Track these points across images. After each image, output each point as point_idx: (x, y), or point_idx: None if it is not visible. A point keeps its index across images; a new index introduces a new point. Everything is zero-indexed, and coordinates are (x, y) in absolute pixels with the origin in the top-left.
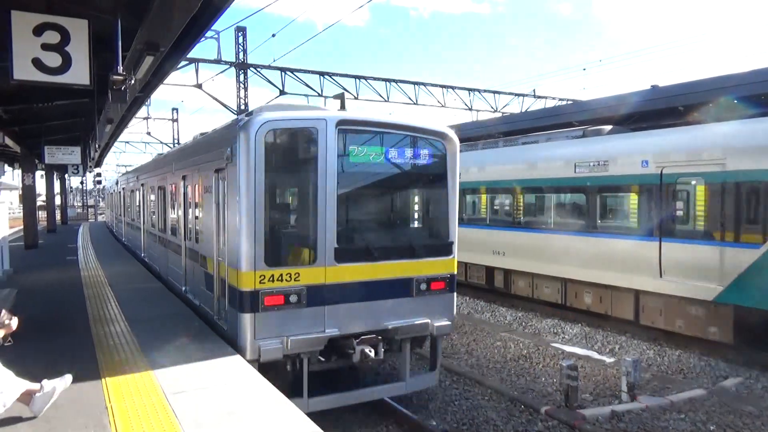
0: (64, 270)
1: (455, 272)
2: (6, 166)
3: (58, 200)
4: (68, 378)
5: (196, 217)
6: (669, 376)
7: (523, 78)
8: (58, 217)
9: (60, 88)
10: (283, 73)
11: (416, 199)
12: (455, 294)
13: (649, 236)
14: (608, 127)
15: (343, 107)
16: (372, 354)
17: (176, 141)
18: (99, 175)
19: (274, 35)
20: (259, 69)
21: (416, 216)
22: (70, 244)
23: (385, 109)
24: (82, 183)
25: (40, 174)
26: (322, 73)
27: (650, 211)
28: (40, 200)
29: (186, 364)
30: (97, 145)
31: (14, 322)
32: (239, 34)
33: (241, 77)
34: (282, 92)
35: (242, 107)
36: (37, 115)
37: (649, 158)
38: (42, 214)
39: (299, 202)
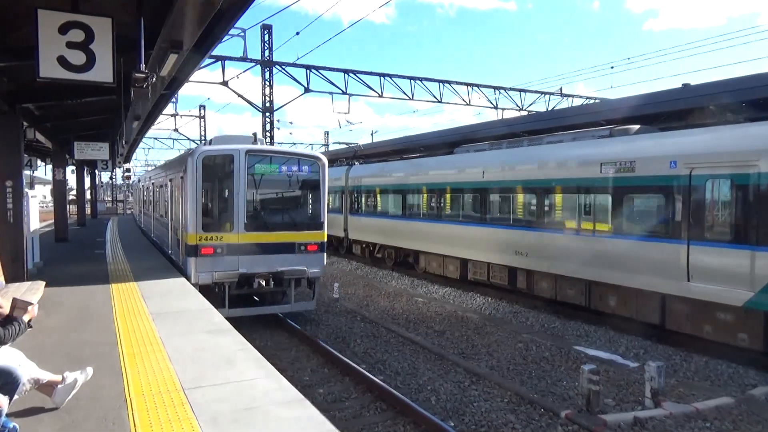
0: (91, 263)
1: (324, 240)
2: (39, 161)
3: (88, 195)
4: (89, 370)
5: (174, 205)
6: (695, 382)
7: (550, 76)
8: (88, 211)
9: (88, 86)
10: (308, 71)
11: (300, 196)
12: (325, 253)
13: (676, 239)
14: (635, 127)
15: (255, 142)
16: (264, 284)
17: (203, 137)
18: (128, 170)
19: (298, 33)
20: (284, 66)
21: (299, 206)
22: (98, 238)
23: (410, 107)
24: (111, 178)
25: (71, 169)
26: (346, 71)
27: (678, 213)
28: (72, 194)
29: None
30: (124, 142)
31: (35, 308)
32: (265, 32)
33: (267, 75)
34: (307, 89)
35: (267, 104)
36: (67, 112)
37: (678, 159)
38: (73, 208)
39: (224, 196)
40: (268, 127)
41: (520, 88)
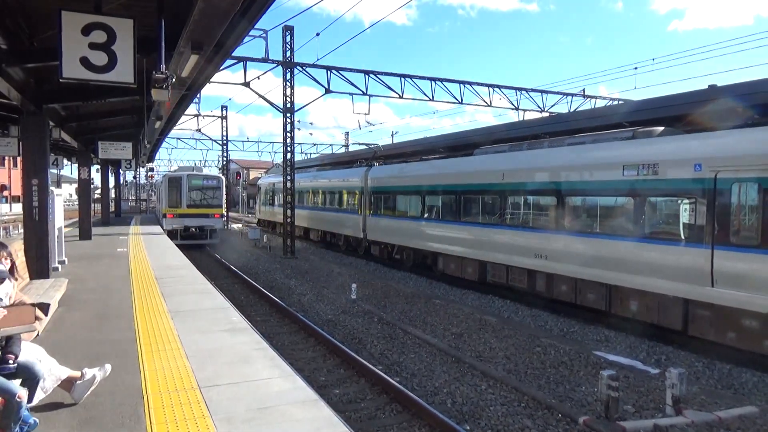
0: (113, 260)
1: (222, 213)
2: (65, 160)
3: (112, 193)
4: (108, 367)
5: (162, 199)
6: (718, 390)
7: (572, 77)
8: (112, 209)
9: (111, 86)
10: (328, 72)
11: (211, 193)
12: (222, 218)
13: (700, 243)
14: (659, 129)
15: (193, 170)
16: (195, 230)
17: (225, 137)
18: (151, 169)
19: (318, 34)
20: (305, 68)
21: (211, 198)
22: (121, 236)
23: (430, 108)
24: (135, 177)
25: (96, 168)
26: (366, 72)
27: (702, 217)
28: (97, 193)
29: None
30: (147, 142)
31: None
32: (287, 33)
33: (288, 76)
34: (327, 90)
35: (288, 105)
36: (92, 113)
37: (703, 162)
38: (98, 206)
39: (178, 193)
40: (288, 128)
41: (542, 89)
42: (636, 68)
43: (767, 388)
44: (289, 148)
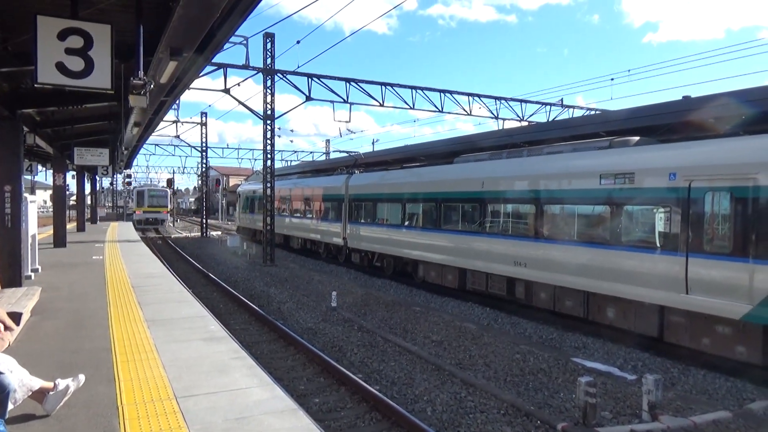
0: (88, 268)
1: (168, 210)
2: (39, 166)
3: (88, 200)
4: (81, 378)
5: (134, 202)
6: (693, 396)
7: (551, 87)
8: (88, 216)
9: (87, 92)
10: (309, 79)
11: (162, 199)
12: (168, 214)
13: (675, 251)
14: (635, 138)
15: (151, 185)
16: (151, 220)
17: (204, 144)
18: (129, 176)
19: (299, 42)
20: (286, 75)
21: (162, 201)
22: (97, 244)
23: (411, 116)
24: (112, 184)
25: (71, 174)
26: (348, 80)
27: (677, 225)
28: (73, 200)
29: None
30: (124, 148)
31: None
32: (267, 40)
33: (268, 83)
34: (308, 98)
35: (268, 112)
36: (68, 118)
37: (677, 171)
38: (73, 214)
39: (142, 199)
40: (269, 135)
41: (521, 98)
42: (612, 79)
43: (740, 393)
44: (269, 155)
